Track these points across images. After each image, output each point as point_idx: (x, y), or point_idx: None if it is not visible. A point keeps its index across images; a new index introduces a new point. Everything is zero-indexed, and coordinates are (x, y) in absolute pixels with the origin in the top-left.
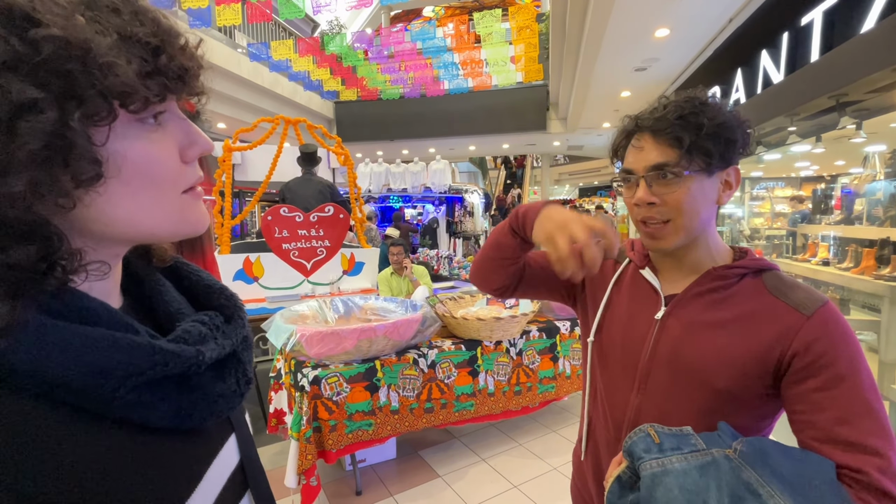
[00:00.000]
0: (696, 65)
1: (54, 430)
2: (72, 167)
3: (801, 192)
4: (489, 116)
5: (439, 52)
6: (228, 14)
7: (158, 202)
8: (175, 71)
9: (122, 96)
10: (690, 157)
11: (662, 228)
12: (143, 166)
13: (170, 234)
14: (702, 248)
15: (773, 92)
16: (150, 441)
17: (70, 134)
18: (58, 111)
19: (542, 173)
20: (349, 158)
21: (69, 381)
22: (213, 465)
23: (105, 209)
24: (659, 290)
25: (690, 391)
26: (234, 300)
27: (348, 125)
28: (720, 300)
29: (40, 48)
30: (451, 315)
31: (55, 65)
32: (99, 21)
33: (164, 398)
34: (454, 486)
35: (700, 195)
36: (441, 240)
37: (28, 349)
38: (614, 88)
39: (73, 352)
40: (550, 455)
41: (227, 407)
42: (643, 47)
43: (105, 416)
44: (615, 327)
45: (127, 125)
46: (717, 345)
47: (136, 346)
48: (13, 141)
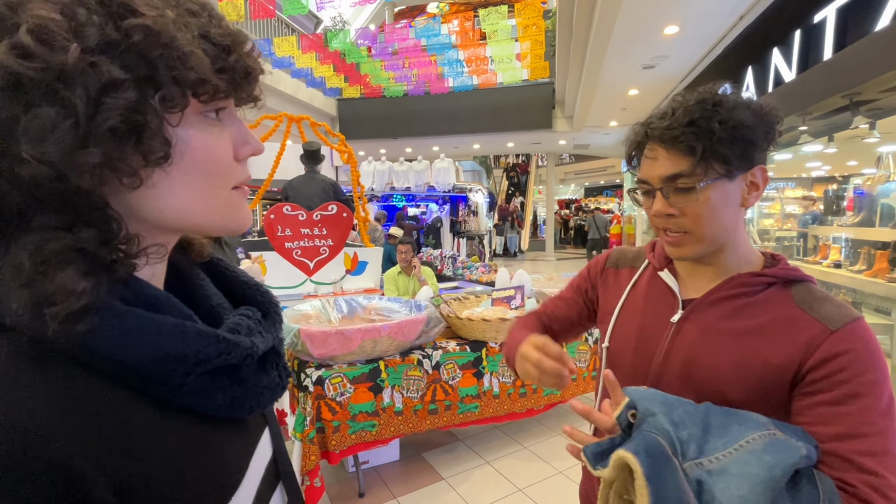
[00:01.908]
0: (706, 63)
1: (135, 414)
2: (144, 145)
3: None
4: (494, 114)
5: (444, 48)
6: (230, 10)
7: (211, 194)
8: (242, 70)
9: (195, 85)
10: (707, 164)
11: (683, 238)
12: (202, 157)
13: (217, 228)
14: (728, 253)
15: (785, 90)
16: (206, 430)
17: (146, 114)
18: (138, 92)
19: (548, 172)
20: (352, 156)
21: (145, 367)
22: (255, 456)
23: (163, 194)
24: (677, 293)
25: (702, 399)
26: (269, 297)
27: (351, 123)
28: (741, 308)
29: (131, 35)
30: (455, 316)
31: (141, 51)
32: (182, 18)
33: (221, 388)
34: (458, 489)
35: (722, 202)
36: (445, 239)
37: (109, 334)
38: (622, 86)
39: (149, 338)
40: (556, 458)
41: (270, 398)
42: (652, 45)
43: (168, 403)
44: (629, 330)
45: (193, 116)
46: (734, 354)
47: (204, 335)
48: (97, 115)
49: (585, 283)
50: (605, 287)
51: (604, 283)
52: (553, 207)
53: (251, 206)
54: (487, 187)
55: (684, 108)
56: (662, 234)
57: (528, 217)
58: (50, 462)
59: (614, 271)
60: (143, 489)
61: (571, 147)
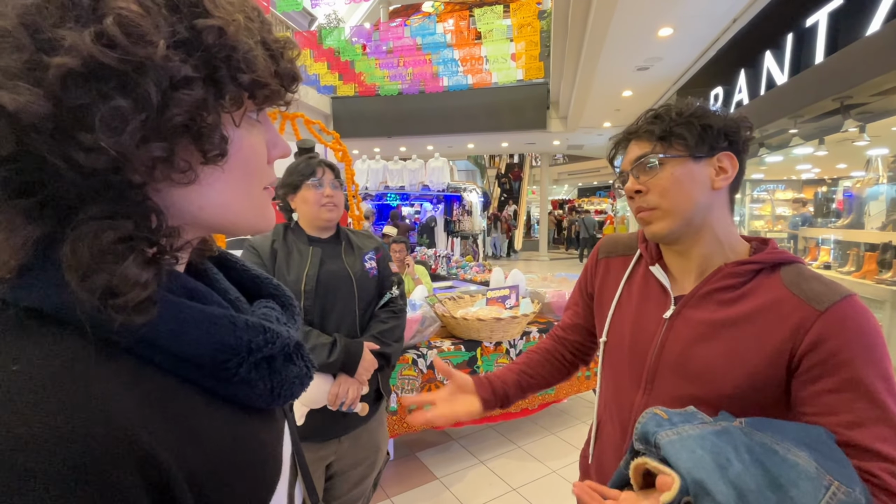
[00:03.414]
0: (699, 65)
1: (196, 407)
2: (205, 142)
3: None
4: (489, 114)
5: (439, 47)
6: None
7: (249, 193)
8: (290, 75)
9: (252, 87)
10: (666, 143)
11: (652, 214)
12: (246, 156)
13: (250, 226)
14: (709, 242)
15: (777, 93)
16: (251, 421)
17: (210, 113)
18: (205, 91)
19: (541, 172)
20: (346, 155)
21: (202, 359)
22: (283, 447)
23: (207, 191)
24: (668, 288)
25: (697, 395)
26: (282, 289)
27: (345, 121)
28: (731, 299)
29: (202, 35)
30: (450, 315)
31: (211, 51)
32: (247, 24)
33: (261, 378)
34: (452, 489)
35: (687, 179)
36: (439, 239)
37: (168, 325)
38: (616, 87)
39: (204, 329)
40: (550, 458)
41: (301, 388)
42: (646, 46)
43: (216, 394)
44: (625, 326)
45: (241, 116)
46: (726, 348)
47: (251, 326)
48: (166, 110)
49: (585, 282)
50: (601, 279)
51: (599, 275)
52: (547, 208)
53: None
54: (482, 187)
55: (653, 110)
56: (637, 216)
57: (522, 218)
58: (140, 454)
59: (606, 261)
60: (210, 481)
61: (565, 147)
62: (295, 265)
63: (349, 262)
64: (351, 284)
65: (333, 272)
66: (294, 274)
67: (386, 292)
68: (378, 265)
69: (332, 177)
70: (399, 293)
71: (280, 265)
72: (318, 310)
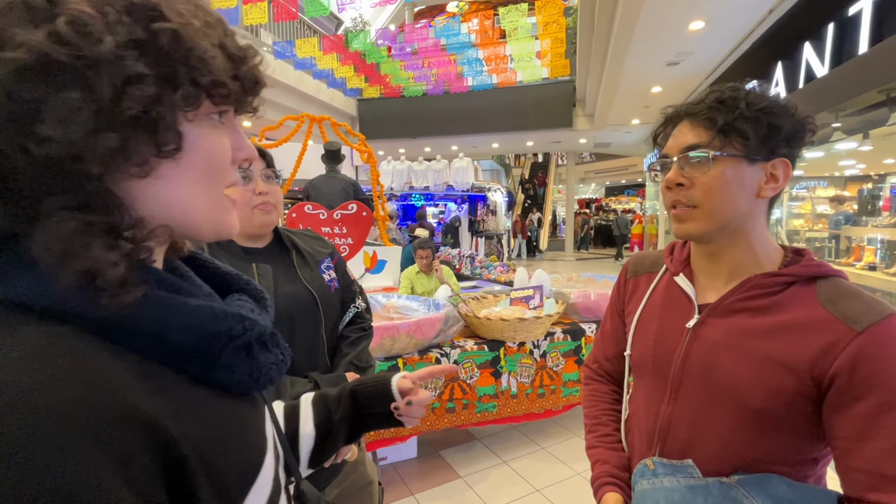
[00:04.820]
0: (733, 58)
1: (186, 388)
2: (158, 135)
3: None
4: (513, 113)
5: (463, 48)
6: (255, 13)
7: (209, 191)
8: (251, 79)
9: (211, 87)
10: (726, 138)
11: (690, 213)
12: (207, 154)
13: (209, 230)
14: (743, 249)
15: (817, 86)
16: (232, 402)
17: (163, 108)
18: (158, 88)
19: (567, 171)
20: (372, 156)
21: (187, 344)
22: (266, 428)
23: (167, 189)
24: (692, 297)
25: (724, 406)
26: (252, 285)
27: (371, 122)
28: (760, 309)
29: (158, 37)
30: (473, 315)
31: (166, 52)
32: (205, 28)
33: (240, 363)
34: (475, 488)
35: (736, 183)
36: (463, 238)
37: (154, 314)
38: (645, 84)
39: (190, 318)
40: (574, 460)
41: (277, 374)
42: (676, 41)
43: (199, 379)
44: (648, 336)
45: (203, 116)
46: (752, 360)
47: (231, 314)
48: (118, 104)
49: (615, 306)
50: (629, 297)
51: (628, 294)
52: (573, 207)
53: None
54: (506, 186)
55: (716, 91)
56: (670, 211)
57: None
58: (142, 419)
59: (634, 280)
60: (211, 454)
61: (592, 146)
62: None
63: (307, 278)
64: (316, 306)
65: (292, 295)
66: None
67: (349, 306)
68: (337, 274)
69: (262, 165)
70: (365, 305)
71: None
72: None
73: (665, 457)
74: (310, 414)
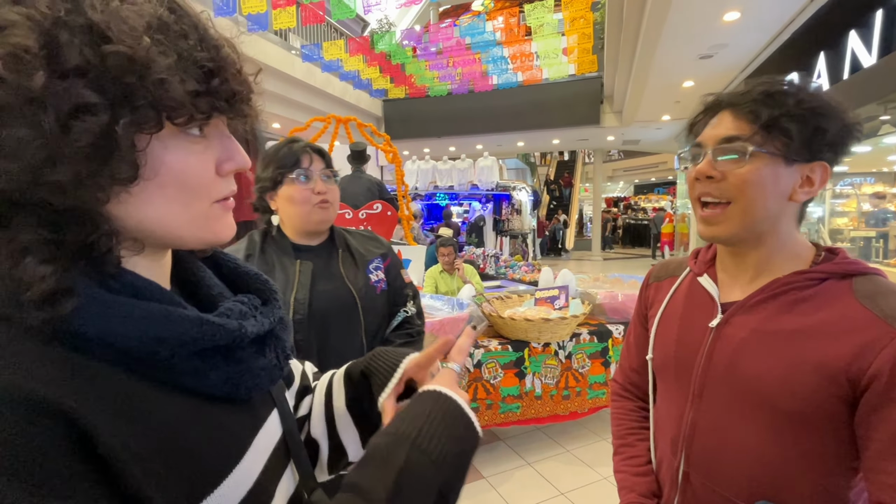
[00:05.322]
0: (771, 50)
1: (133, 388)
2: (111, 166)
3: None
4: (539, 111)
5: (488, 46)
6: (284, 17)
7: (188, 208)
8: (224, 93)
9: (169, 110)
10: (768, 134)
11: (720, 213)
12: (178, 173)
13: (193, 240)
14: (771, 248)
15: (864, 77)
16: (206, 407)
17: (115, 137)
18: (109, 115)
19: (595, 170)
20: (397, 156)
21: (131, 349)
22: (259, 435)
23: (140, 207)
24: (715, 296)
25: (751, 409)
26: (268, 285)
27: (396, 123)
28: (789, 307)
29: (107, 61)
30: (497, 315)
31: (116, 76)
32: (164, 44)
33: (214, 368)
34: (499, 489)
35: (771, 183)
36: (487, 238)
37: (95, 318)
38: (676, 78)
39: (133, 322)
40: (600, 464)
41: (269, 380)
42: (709, 33)
43: (165, 383)
44: (669, 339)
45: (172, 135)
46: (782, 359)
47: (186, 319)
48: (66, 136)
49: (640, 313)
50: (652, 302)
51: (650, 299)
52: (600, 206)
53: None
54: (532, 185)
55: (764, 82)
56: (698, 206)
57: (573, 224)
58: (49, 409)
59: (657, 285)
60: (145, 451)
61: (620, 143)
62: (278, 287)
63: (350, 277)
64: (354, 306)
65: (330, 293)
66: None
67: (399, 310)
68: (387, 276)
69: (322, 165)
70: (416, 310)
71: None
72: (315, 345)
73: (691, 462)
74: (341, 396)
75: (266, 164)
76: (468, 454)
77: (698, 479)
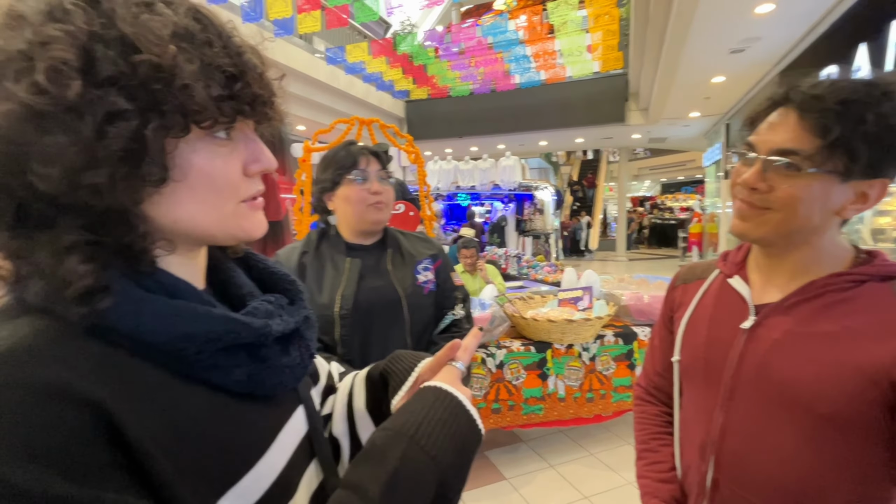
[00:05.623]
0: (807, 42)
1: (160, 381)
2: (143, 168)
3: None
4: (562, 110)
5: (511, 45)
6: (309, 21)
7: (217, 207)
8: (247, 97)
9: (194, 114)
10: (830, 153)
11: (757, 214)
12: (207, 175)
13: (225, 237)
14: (809, 251)
15: None
16: (230, 402)
17: (145, 140)
18: (140, 121)
19: (619, 169)
20: (419, 157)
21: (161, 344)
22: (284, 431)
23: (172, 208)
24: (747, 298)
25: (787, 414)
26: (295, 285)
27: (418, 123)
28: (827, 307)
29: (137, 69)
30: (520, 315)
31: (145, 83)
32: (189, 51)
33: (239, 365)
34: (521, 491)
35: (820, 200)
36: (510, 238)
37: (129, 314)
38: (705, 74)
39: (163, 319)
40: (625, 468)
41: (293, 378)
42: (741, 26)
43: (192, 378)
44: (698, 340)
45: (200, 138)
46: (819, 362)
47: (214, 317)
48: (101, 140)
49: (665, 313)
50: (678, 305)
51: (676, 302)
52: (625, 205)
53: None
54: (554, 185)
55: (845, 85)
56: (735, 202)
57: (597, 224)
58: (83, 400)
59: (684, 287)
60: (171, 443)
61: (646, 141)
62: (328, 283)
63: (397, 276)
64: (399, 304)
65: (376, 290)
66: (327, 295)
67: (447, 312)
68: (436, 278)
69: (378, 167)
70: (465, 313)
71: (309, 283)
72: (358, 341)
73: (721, 469)
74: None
75: (325, 166)
76: (470, 451)
77: (728, 486)
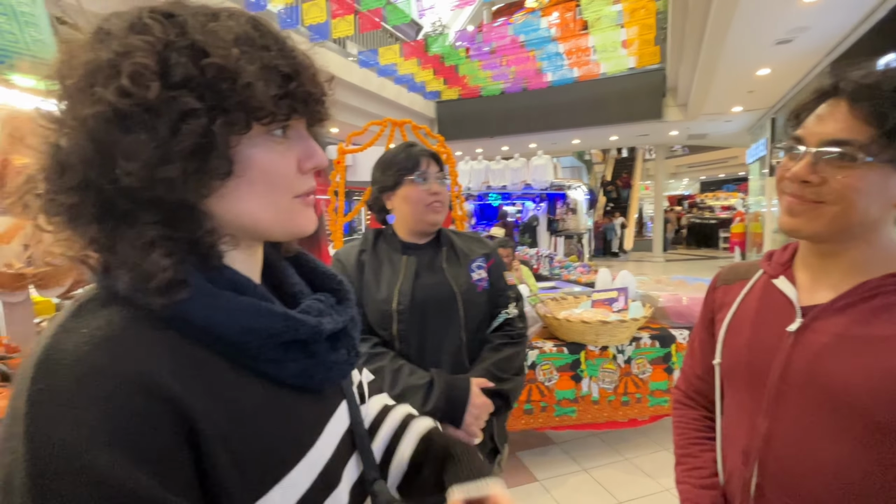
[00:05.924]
0: (861, 30)
1: (225, 373)
2: (211, 163)
3: None
4: (596, 107)
5: (543, 43)
6: (343, 26)
7: (274, 202)
8: (301, 95)
9: (255, 111)
10: (888, 142)
11: (809, 208)
12: (265, 170)
13: (280, 232)
14: (863, 249)
15: None
16: (283, 395)
17: (213, 137)
18: (208, 118)
19: (656, 166)
20: (451, 157)
21: (228, 337)
22: (330, 423)
23: (234, 203)
24: (793, 300)
25: (838, 419)
26: (343, 285)
27: (449, 124)
28: (881, 309)
29: (206, 72)
30: (553, 316)
31: (213, 84)
32: (249, 53)
33: (293, 359)
34: (553, 493)
35: (877, 191)
36: (541, 238)
37: (202, 308)
38: (749, 66)
39: (231, 314)
40: (662, 475)
41: (340, 373)
42: (788, 15)
43: (251, 370)
44: (741, 343)
45: (259, 136)
46: (874, 367)
47: (275, 313)
48: (174, 137)
49: (705, 315)
50: (719, 306)
51: (717, 303)
52: (662, 204)
53: (359, 205)
54: (587, 184)
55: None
56: (783, 197)
57: (633, 217)
58: (164, 396)
59: (725, 288)
60: (232, 434)
61: (685, 138)
62: (385, 280)
63: (452, 274)
64: (454, 302)
65: (431, 287)
66: (384, 290)
67: (500, 311)
68: (490, 276)
69: (436, 169)
70: (518, 313)
71: (368, 280)
72: (415, 336)
73: (766, 475)
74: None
75: (385, 167)
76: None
77: (773, 493)
